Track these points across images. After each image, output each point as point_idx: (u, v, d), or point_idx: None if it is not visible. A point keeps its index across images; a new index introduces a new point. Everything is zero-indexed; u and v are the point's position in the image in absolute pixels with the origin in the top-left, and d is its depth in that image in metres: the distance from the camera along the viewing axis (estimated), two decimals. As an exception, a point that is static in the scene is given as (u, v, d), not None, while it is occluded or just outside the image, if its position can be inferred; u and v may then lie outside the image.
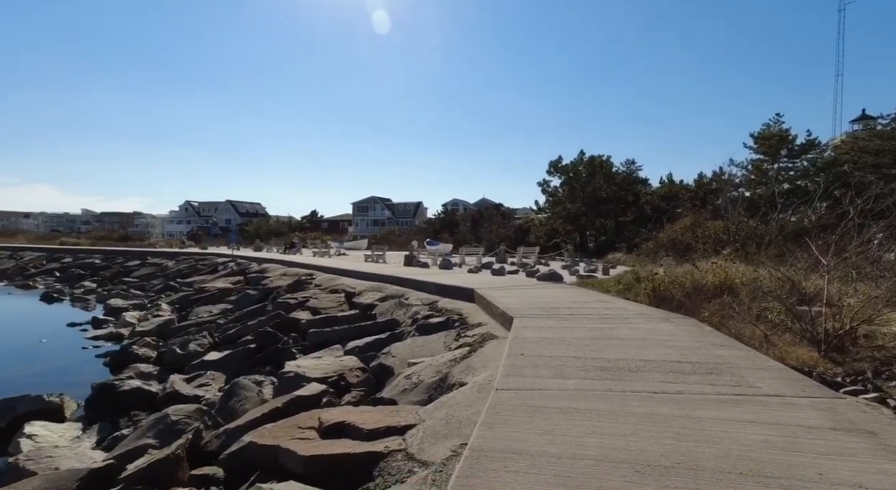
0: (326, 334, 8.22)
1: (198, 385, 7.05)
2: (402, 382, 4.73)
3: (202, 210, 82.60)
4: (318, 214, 76.92)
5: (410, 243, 21.65)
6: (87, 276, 24.62)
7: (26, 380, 8.02)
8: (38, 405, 6.22)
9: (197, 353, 8.85)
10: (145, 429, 4.87)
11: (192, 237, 57.89)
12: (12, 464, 4.45)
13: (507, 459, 1.97)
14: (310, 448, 3.20)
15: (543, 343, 4.36)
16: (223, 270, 20.78)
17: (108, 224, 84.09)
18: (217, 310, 12.89)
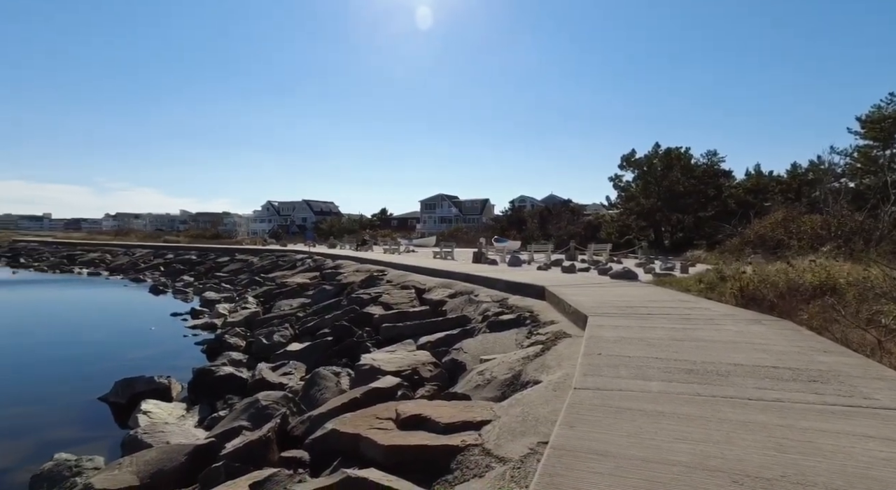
0: (399, 329, 8.46)
1: (282, 373, 7.53)
2: (475, 378, 4.77)
3: (281, 209, 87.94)
4: (387, 212, 79.24)
5: (478, 240, 21.69)
6: (186, 271, 27.14)
7: (141, 362, 9.00)
8: (150, 385, 6.98)
9: (280, 344, 9.46)
10: (239, 412, 5.29)
11: (273, 235, 61.87)
12: (132, 436, 5.03)
13: (591, 460, 1.93)
14: (388, 438, 3.32)
15: (621, 343, 4.21)
16: (301, 266, 21.98)
17: (202, 223, 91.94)
18: (296, 303, 13.67)
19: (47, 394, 7.46)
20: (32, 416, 6.52)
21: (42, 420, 6.38)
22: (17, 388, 7.83)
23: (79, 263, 34.77)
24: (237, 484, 3.18)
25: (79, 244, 48.42)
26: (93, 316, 15.34)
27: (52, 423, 6.30)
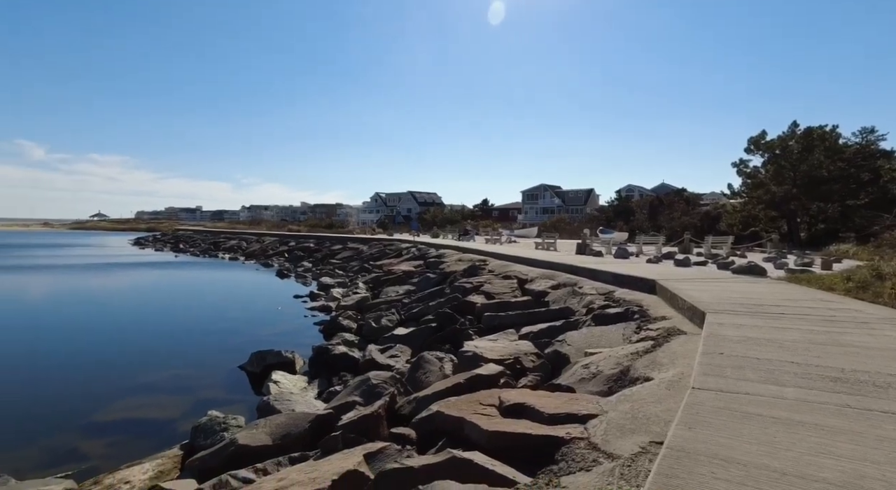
0: (500, 318, 8.49)
1: (389, 356, 7.97)
2: (580, 371, 4.65)
3: (388, 200, 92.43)
4: (488, 203, 79.46)
5: (582, 231, 20.88)
6: (305, 258, 29.79)
7: (270, 337, 10.13)
8: (279, 358, 7.83)
9: (387, 328, 10.01)
10: (352, 388, 5.72)
11: (380, 225, 65.27)
12: (265, 402, 5.70)
13: (715, 465, 1.79)
14: (492, 424, 3.38)
15: (747, 343, 3.82)
16: (406, 255, 22.95)
17: (318, 214, 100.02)
18: (402, 290, 14.34)
19: (201, 360, 8.73)
20: (190, 377, 7.68)
21: (197, 381, 7.49)
22: (178, 354, 9.24)
23: (222, 249, 40.11)
24: (353, 453, 3.46)
25: (221, 233, 55.69)
26: (233, 295, 17.55)
27: (205, 384, 7.37)
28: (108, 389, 7.04)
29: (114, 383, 7.33)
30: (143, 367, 8.24)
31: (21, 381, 7.45)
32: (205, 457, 4.31)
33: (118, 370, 8.06)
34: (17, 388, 7.13)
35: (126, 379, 7.53)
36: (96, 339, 10.32)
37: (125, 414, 6.15)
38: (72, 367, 8.29)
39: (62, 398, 6.74)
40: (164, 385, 7.28)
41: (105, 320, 12.56)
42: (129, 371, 7.96)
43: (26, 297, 16.54)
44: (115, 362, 8.56)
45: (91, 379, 7.63)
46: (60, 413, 6.18)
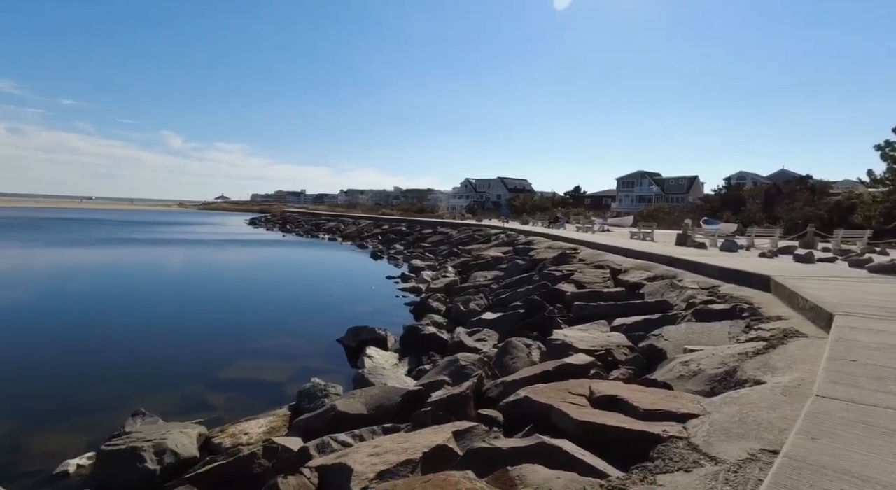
0: (591, 308, 8.22)
1: (477, 339, 8.08)
2: (678, 368, 4.37)
3: (478, 186, 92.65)
4: (580, 190, 76.52)
5: (683, 221, 19.38)
6: (397, 240, 30.98)
7: (365, 315, 10.75)
8: (372, 335, 8.29)
9: (475, 312, 10.14)
10: (441, 368, 5.90)
11: (469, 210, 65.75)
12: (360, 374, 6.09)
13: (844, 482, 1.61)
14: (581, 414, 3.31)
15: (887, 351, 3.34)
16: (495, 241, 22.94)
17: (410, 199, 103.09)
18: (490, 276, 14.40)
19: (304, 331, 9.53)
20: (294, 346, 8.42)
21: (300, 350, 8.20)
22: (285, 324, 10.16)
23: (322, 230, 43.14)
24: (443, 429, 3.59)
25: (322, 215, 59.70)
26: (332, 273, 18.84)
27: (307, 353, 8.05)
28: (229, 352, 7.96)
29: (233, 347, 8.26)
30: (257, 334, 9.18)
31: (163, 340, 8.66)
32: (309, 419, 4.72)
33: (237, 336, 9.06)
34: (161, 346, 8.30)
35: (243, 344, 8.45)
36: (219, 307, 11.65)
37: (242, 374, 6.91)
38: (201, 330, 9.46)
39: (194, 357, 7.74)
40: (273, 351, 8.05)
41: (225, 291, 14.12)
42: (245, 337, 8.91)
43: (165, 268, 19.08)
44: (234, 329, 9.63)
45: (216, 341, 8.66)
46: (193, 369, 7.11)
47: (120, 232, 36.34)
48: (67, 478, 4.17)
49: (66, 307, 11.11)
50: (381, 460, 3.15)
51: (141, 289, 13.90)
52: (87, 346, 8.15)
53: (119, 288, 13.91)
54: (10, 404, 5.57)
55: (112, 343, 8.32)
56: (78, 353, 7.71)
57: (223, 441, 4.71)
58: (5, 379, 6.43)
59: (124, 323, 9.73)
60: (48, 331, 8.99)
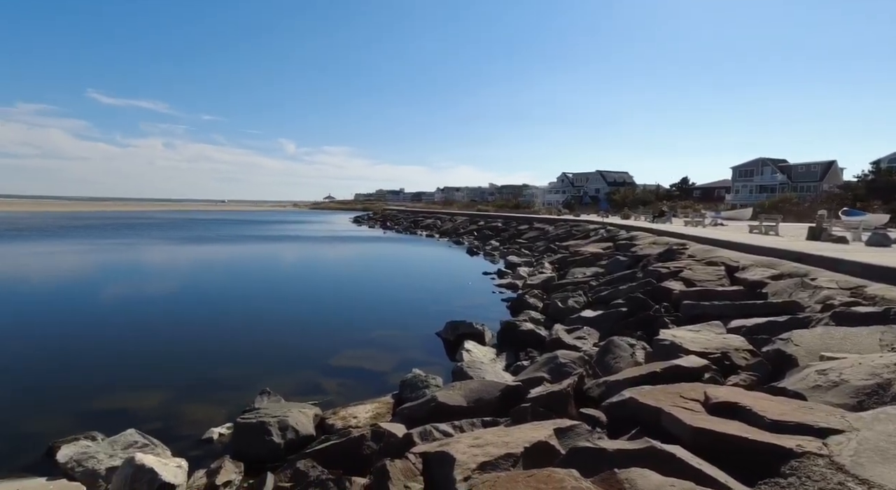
0: (702, 308, 7.58)
1: (576, 337, 7.84)
2: (813, 377, 3.88)
3: (575, 180, 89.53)
4: (688, 182, 70.54)
5: (818, 213, 17.01)
6: (493, 236, 31.07)
7: (462, 310, 10.95)
8: (470, 329, 8.43)
9: (574, 309, 9.84)
10: (540, 364, 5.84)
11: (566, 205, 63.83)
12: (459, 367, 6.23)
13: None
14: (697, 420, 3.08)
15: None
16: (594, 236, 22.04)
17: (505, 195, 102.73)
18: (590, 272, 13.87)
19: (404, 323, 9.96)
20: (396, 338, 8.84)
21: (402, 342, 8.59)
22: (387, 316, 10.70)
23: (420, 227, 44.70)
24: (543, 425, 3.55)
25: (419, 212, 61.84)
26: (429, 268, 19.45)
27: (407, 345, 8.41)
28: (338, 341, 8.59)
29: (342, 336, 8.90)
30: (362, 325, 9.77)
31: (283, 328, 9.58)
32: (412, 407, 4.94)
33: (345, 326, 9.74)
34: (282, 333, 9.20)
35: (350, 334, 9.06)
36: (329, 299, 12.61)
37: (350, 362, 7.42)
38: (314, 319, 10.31)
39: (310, 344, 8.47)
40: (377, 342, 8.52)
41: (334, 284, 15.21)
42: (352, 327, 9.55)
43: (281, 262, 21.03)
44: (343, 319, 10.36)
45: (327, 331, 9.39)
46: (309, 356, 7.78)
47: (245, 230, 40.86)
48: (212, 443, 4.80)
49: (204, 296, 12.73)
50: (483, 452, 3.20)
51: (263, 280, 15.49)
52: (223, 330, 9.28)
53: (244, 279, 15.63)
54: (167, 378, 6.54)
55: (242, 329, 9.38)
56: (215, 337, 8.81)
57: (335, 422, 5.11)
58: (163, 358, 7.54)
59: (250, 311, 10.91)
60: (191, 317, 10.38)
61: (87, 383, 6.34)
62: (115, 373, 6.76)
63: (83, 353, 7.71)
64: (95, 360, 7.36)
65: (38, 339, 8.46)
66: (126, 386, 6.18)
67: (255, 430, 4.61)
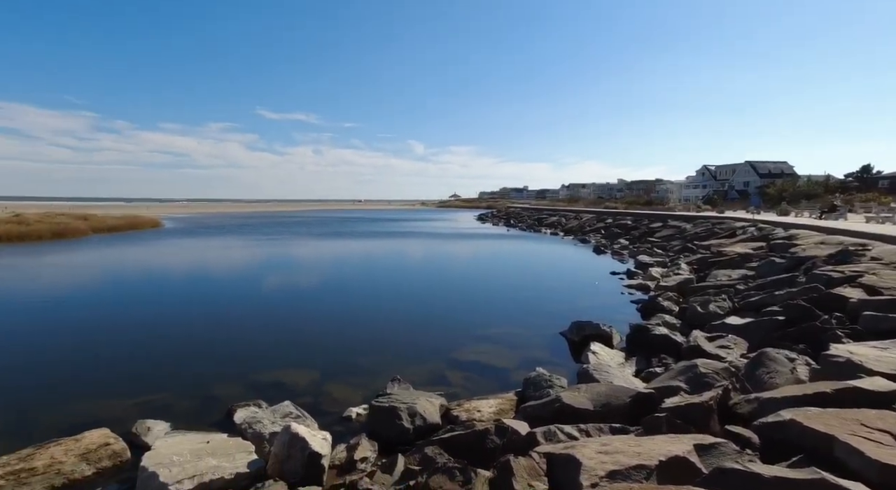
0: (891, 321, 6.29)
1: (719, 346, 7.06)
2: None
3: (718, 173, 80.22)
4: (870, 170, 58.78)
5: None
6: (622, 235, 29.31)
7: (587, 310, 10.53)
8: (597, 331, 8.07)
9: (716, 315, 8.86)
10: (676, 372, 5.36)
11: (707, 201, 57.64)
12: (584, 370, 6.01)
13: None
14: (885, 454, 2.58)
15: None
16: (742, 235, 19.58)
17: (635, 191, 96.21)
18: (736, 275, 12.35)
19: (526, 321, 9.88)
20: (518, 336, 8.82)
21: (524, 340, 8.54)
22: (509, 313, 10.73)
23: (544, 225, 44.00)
24: (680, 439, 3.27)
25: (543, 210, 60.86)
26: (553, 266, 19.03)
27: (530, 344, 8.33)
28: (462, 335, 8.83)
29: (466, 331, 9.13)
30: (485, 320, 9.93)
31: (412, 319, 10.16)
32: (535, 406, 4.90)
33: (469, 320, 9.98)
34: (410, 323, 9.77)
35: (474, 329, 9.25)
36: (453, 294, 13.00)
37: (474, 357, 7.58)
38: (439, 312, 10.74)
39: (436, 336, 8.86)
40: (499, 338, 8.59)
41: (458, 279, 15.66)
42: (475, 323, 9.74)
43: (410, 256, 22.25)
44: (467, 314, 10.63)
45: (452, 324, 9.71)
46: (435, 348, 8.14)
47: (377, 227, 44.20)
48: (350, 421, 5.29)
49: (344, 288, 14.02)
50: (612, 460, 3.05)
51: (393, 274, 16.57)
52: (360, 320, 10.13)
53: (377, 273, 16.86)
54: (315, 360, 7.34)
55: (375, 319, 10.15)
56: (353, 325, 9.66)
57: (460, 414, 5.27)
58: (312, 341, 8.49)
59: (383, 303, 11.74)
60: (333, 306, 11.51)
61: (255, 358, 7.41)
62: (275, 352, 7.79)
63: (250, 332, 9.01)
64: (260, 338, 8.56)
65: (217, 320, 10.10)
66: (283, 364, 7.08)
67: (387, 414, 4.96)
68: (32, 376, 6.63)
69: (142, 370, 6.84)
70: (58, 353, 7.69)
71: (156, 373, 6.71)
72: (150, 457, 4.05)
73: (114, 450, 4.41)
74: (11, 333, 8.78)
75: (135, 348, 7.90)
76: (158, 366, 7.03)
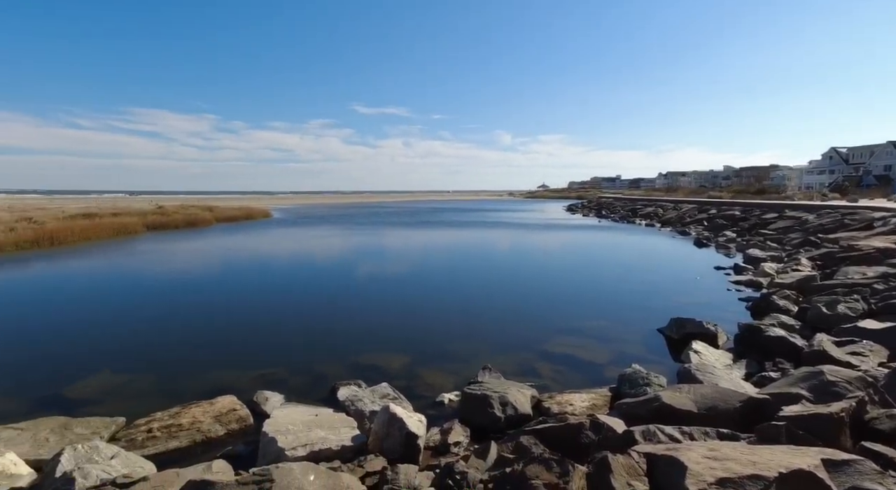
0: None
1: (850, 352, 6.26)
2: None
3: (850, 157, 70.02)
4: None
5: None
6: (728, 226, 26.89)
7: (687, 306, 9.87)
8: (699, 329, 7.54)
9: (847, 317, 7.86)
10: (796, 379, 4.86)
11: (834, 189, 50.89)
12: (686, 369, 5.66)
13: None
14: None
15: None
16: (881, 227, 17.06)
17: (745, 178, 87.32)
18: (872, 272, 10.82)
19: (619, 315, 9.49)
20: (611, 330, 8.49)
21: (617, 335, 8.21)
22: (600, 306, 10.36)
23: (639, 216, 41.65)
24: (804, 452, 2.98)
25: (638, 200, 57.65)
26: (648, 259, 17.95)
27: (624, 339, 7.99)
28: (553, 326, 8.71)
29: (556, 322, 8.98)
30: (576, 313, 9.70)
31: (501, 308, 10.19)
32: (631, 404, 4.71)
33: (559, 312, 9.80)
34: (500, 312, 9.81)
35: (564, 321, 9.08)
36: (543, 284, 12.80)
37: (564, 350, 7.45)
38: (528, 303, 10.64)
39: (525, 326, 8.79)
40: (591, 332, 8.34)
41: (546, 269, 15.37)
42: (566, 314, 9.55)
43: (497, 246, 22.23)
44: (557, 305, 10.43)
45: (542, 315, 9.58)
46: (525, 338, 8.10)
47: (466, 217, 44.71)
48: (443, 406, 5.47)
49: (434, 276, 14.40)
50: (722, 467, 2.87)
51: (481, 263, 16.68)
52: (449, 307, 10.37)
53: (465, 261, 17.07)
54: (409, 345, 7.67)
55: (465, 307, 10.32)
56: (444, 313, 9.91)
57: (551, 406, 5.23)
58: (406, 327, 8.87)
59: (471, 291, 11.90)
60: (424, 293, 11.87)
61: (354, 341, 7.91)
62: (372, 336, 8.26)
63: (350, 316, 9.62)
64: (359, 322, 9.11)
65: (321, 303, 10.91)
66: (379, 348, 7.49)
67: (479, 402, 5.06)
68: (177, 347, 7.67)
69: (260, 347, 7.62)
70: (193, 327, 8.81)
71: (271, 350, 7.43)
72: (270, 424, 4.53)
73: (240, 415, 4.99)
74: (159, 308, 10.19)
75: (253, 327, 8.80)
76: (273, 343, 7.78)
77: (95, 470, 3.51)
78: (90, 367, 6.62)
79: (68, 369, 6.55)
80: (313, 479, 3.16)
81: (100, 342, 7.86)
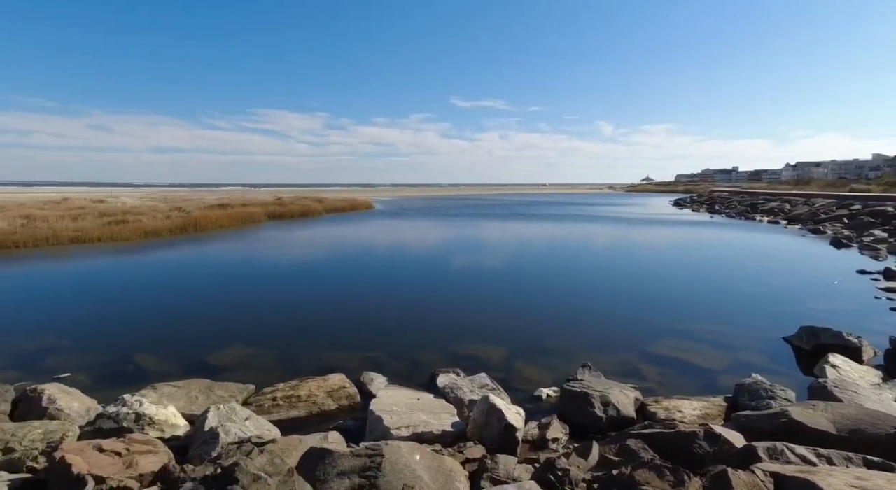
0: None
1: None
2: None
3: None
4: None
5: None
6: (877, 224, 23.21)
7: (821, 314, 8.74)
8: (837, 340, 6.65)
9: None
10: (969, 407, 4.10)
11: None
12: (820, 385, 5.02)
13: None
14: None
15: None
16: None
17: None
18: None
19: (737, 320, 8.64)
20: (727, 335, 7.78)
21: (734, 341, 7.51)
22: (715, 309, 9.52)
23: (759, 211, 37.41)
24: (980, 491, 2.52)
25: (759, 194, 51.84)
26: (772, 260, 16.10)
27: (742, 345, 7.28)
28: (660, 327, 8.19)
29: (664, 323, 8.44)
30: (687, 314, 9.04)
31: (604, 305, 9.82)
32: (752, 417, 4.31)
33: (667, 312, 9.18)
34: (602, 311, 9.46)
35: (673, 322, 8.50)
36: (650, 282, 12.06)
37: (672, 352, 6.98)
38: (635, 301, 10.10)
39: (629, 326, 8.39)
40: (704, 335, 7.72)
41: (652, 265, 14.44)
42: (675, 315, 8.93)
43: (595, 240, 21.35)
44: (664, 305, 9.76)
45: (648, 315, 9.02)
46: (628, 337, 7.73)
47: (563, 210, 43.45)
48: (540, 401, 5.44)
49: (533, 269, 14.23)
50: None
51: (581, 257, 16.14)
52: (548, 301, 10.20)
53: (564, 255, 16.63)
54: (507, 338, 7.69)
55: (565, 302, 10.09)
56: (543, 306, 9.78)
57: (657, 411, 4.95)
58: (504, 320, 8.92)
59: (571, 285, 11.59)
60: (522, 286, 11.80)
61: (453, 330, 8.13)
62: (470, 326, 8.41)
63: (449, 305, 9.90)
64: (458, 312, 9.35)
65: (421, 292, 11.34)
66: (477, 338, 7.60)
67: (579, 399, 4.95)
68: (294, 325, 8.49)
69: (364, 330, 8.13)
70: (307, 309, 9.66)
71: (374, 334, 7.90)
72: (376, 403, 4.84)
73: (349, 392, 5.39)
74: (279, 291, 11.31)
75: (359, 311, 9.43)
76: (376, 328, 8.26)
77: (234, 428, 4.03)
78: (226, 339, 7.55)
79: (210, 340, 7.54)
80: (419, 458, 3.33)
81: (232, 319, 8.93)
